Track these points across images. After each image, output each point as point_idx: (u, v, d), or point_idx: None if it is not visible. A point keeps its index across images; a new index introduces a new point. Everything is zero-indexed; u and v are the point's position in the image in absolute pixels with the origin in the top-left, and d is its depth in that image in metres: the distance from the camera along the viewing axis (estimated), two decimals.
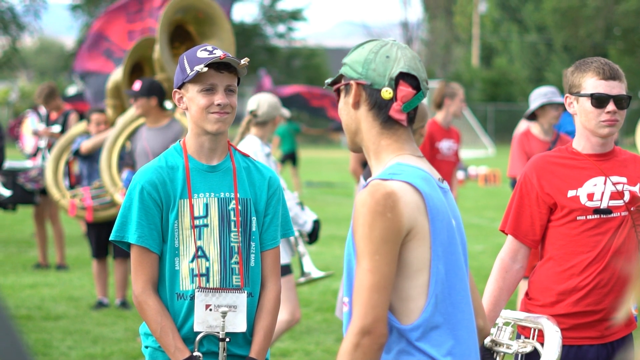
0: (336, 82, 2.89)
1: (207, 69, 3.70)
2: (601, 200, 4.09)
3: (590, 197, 4.09)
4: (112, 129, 9.41)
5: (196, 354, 3.72)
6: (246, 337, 3.81)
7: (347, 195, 22.45)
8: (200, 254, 3.74)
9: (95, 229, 9.63)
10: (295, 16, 57.56)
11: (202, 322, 3.73)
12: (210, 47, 3.76)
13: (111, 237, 3.76)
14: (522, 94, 54.27)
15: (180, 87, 3.79)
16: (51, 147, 11.40)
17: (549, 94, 8.23)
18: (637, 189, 4.13)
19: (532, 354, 4.02)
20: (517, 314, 4.12)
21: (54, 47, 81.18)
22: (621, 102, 4.10)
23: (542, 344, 3.98)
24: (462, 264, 2.80)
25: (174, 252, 3.74)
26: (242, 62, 3.74)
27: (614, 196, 4.09)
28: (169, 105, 8.41)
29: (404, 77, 2.80)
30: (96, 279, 9.78)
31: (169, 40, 9.01)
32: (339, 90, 2.88)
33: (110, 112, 9.87)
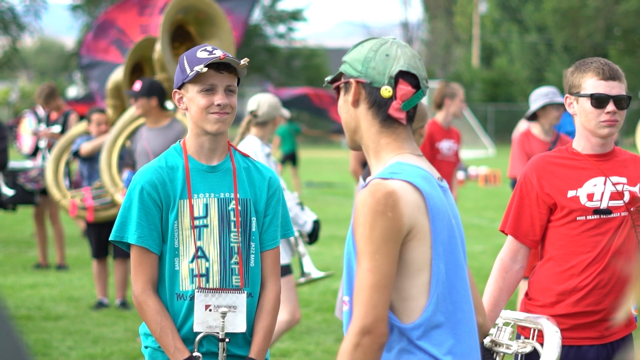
0: (336, 80, 2.89)
1: (206, 69, 3.70)
2: (601, 200, 4.09)
3: (590, 197, 4.09)
4: (111, 131, 9.41)
5: (196, 354, 3.72)
6: (246, 338, 3.81)
7: (347, 195, 22.45)
8: (200, 254, 3.74)
9: (95, 229, 9.62)
10: (295, 16, 57.55)
11: (201, 322, 3.73)
12: (210, 48, 3.76)
13: (111, 237, 3.77)
14: (522, 95, 54.27)
15: (180, 88, 3.79)
16: (51, 148, 11.40)
17: (550, 94, 8.23)
18: (637, 190, 4.12)
19: (531, 354, 4.02)
20: (516, 314, 4.12)
21: (54, 47, 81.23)
22: (621, 102, 4.10)
23: (541, 345, 3.97)
24: (463, 262, 2.81)
25: (173, 252, 3.74)
26: (242, 62, 3.74)
27: (613, 196, 4.09)
28: (170, 105, 8.40)
29: (403, 75, 2.79)
30: (96, 279, 9.78)
31: (170, 40, 9.01)
32: (339, 88, 2.88)
33: (110, 112, 9.87)
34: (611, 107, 4.08)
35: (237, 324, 3.76)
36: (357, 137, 2.86)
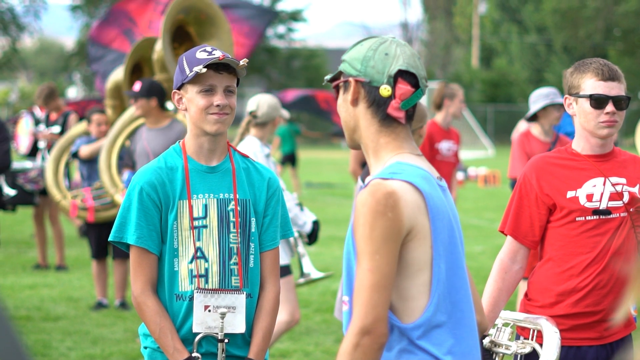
0: (335, 79, 2.89)
1: (206, 69, 3.70)
2: (600, 201, 4.09)
3: (589, 198, 4.09)
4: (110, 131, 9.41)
5: (195, 354, 3.71)
6: (245, 338, 3.81)
7: (346, 196, 22.44)
8: (199, 254, 3.74)
9: (95, 230, 9.62)
10: (295, 17, 57.55)
11: (200, 323, 3.73)
12: (209, 48, 3.76)
13: (110, 238, 3.76)
14: (521, 95, 54.28)
15: (179, 88, 3.79)
16: (51, 148, 11.39)
17: (551, 94, 8.22)
18: (636, 190, 4.12)
19: (531, 355, 4.01)
20: (516, 315, 4.12)
21: (53, 48, 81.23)
22: (620, 103, 4.10)
23: (541, 345, 3.97)
24: (463, 262, 2.81)
25: (173, 253, 3.74)
26: (241, 63, 3.74)
27: (613, 197, 4.09)
28: (170, 106, 8.40)
29: (402, 74, 2.79)
30: (96, 279, 9.78)
31: (171, 40, 9.01)
32: (338, 87, 2.88)
33: (110, 113, 9.86)
34: (610, 107, 4.08)
35: (236, 325, 3.76)
36: (356, 136, 2.86)
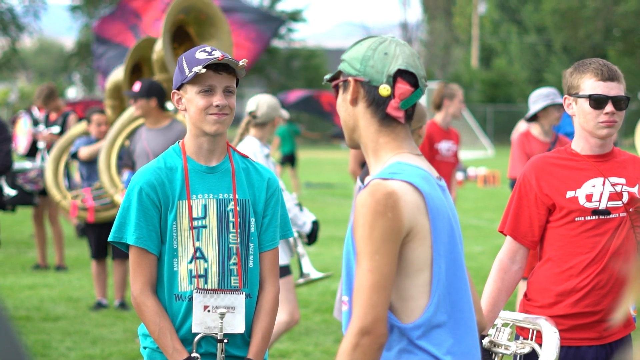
0: (335, 78, 2.89)
1: (205, 70, 3.70)
2: (600, 201, 4.09)
3: (588, 198, 4.09)
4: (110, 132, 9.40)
5: (194, 355, 3.71)
6: (244, 338, 3.81)
7: (346, 196, 22.43)
8: (198, 255, 3.74)
9: (94, 230, 9.62)
10: (294, 17, 57.54)
11: (200, 323, 3.73)
12: (209, 48, 3.76)
13: (110, 238, 3.76)
14: (521, 95, 54.27)
15: (179, 88, 3.79)
16: (50, 148, 11.39)
17: (552, 95, 8.22)
18: (635, 190, 4.13)
19: (530, 355, 4.01)
20: (515, 315, 4.12)
21: (53, 48, 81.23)
22: (620, 103, 4.10)
23: (540, 345, 3.98)
24: (462, 262, 2.81)
25: (172, 253, 3.74)
26: (241, 63, 3.73)
27: (612, 197, 4.09)
28: (170, 106, 8.39)
29: (402, 74, 2.79)
30: (95, 279, 9.78)
31: (171, 40, 9.01)
32: (338, 86, 2.88)
33: (109, 113, 9.86)
34: (610, 107, 4.08)
35: (236, 325, 3.76)
36: (356, 135, 2.86)
